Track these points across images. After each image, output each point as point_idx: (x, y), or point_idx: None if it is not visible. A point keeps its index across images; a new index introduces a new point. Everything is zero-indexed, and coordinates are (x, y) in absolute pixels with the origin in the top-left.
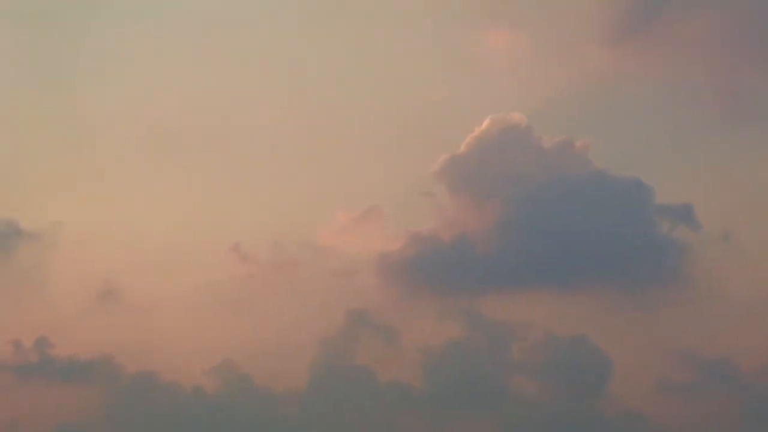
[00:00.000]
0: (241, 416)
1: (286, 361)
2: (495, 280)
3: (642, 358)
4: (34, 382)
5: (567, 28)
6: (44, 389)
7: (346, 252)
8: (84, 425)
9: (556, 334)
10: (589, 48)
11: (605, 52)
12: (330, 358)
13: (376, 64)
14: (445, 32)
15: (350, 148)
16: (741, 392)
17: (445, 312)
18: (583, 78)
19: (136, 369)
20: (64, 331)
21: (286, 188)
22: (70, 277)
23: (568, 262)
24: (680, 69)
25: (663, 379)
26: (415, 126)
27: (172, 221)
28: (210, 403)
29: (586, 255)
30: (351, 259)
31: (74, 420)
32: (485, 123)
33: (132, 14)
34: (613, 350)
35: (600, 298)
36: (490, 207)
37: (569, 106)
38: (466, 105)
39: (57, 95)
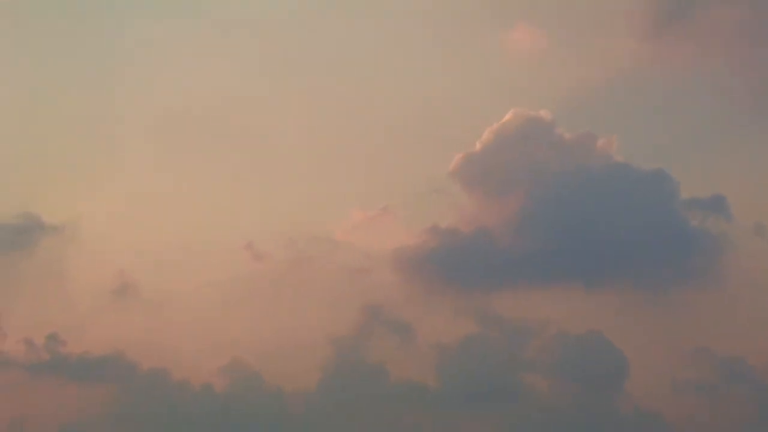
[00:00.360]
0: (252, 414)
1: (299, 360)
2: (512, 276)
3: (659, 356)
4: (46, 379)
5: (591, 24)
6: (55, 386)
7: (361, 249)
8: (94, 423)
9: (571, 332)
10: (616, 43)
11: (632, 48)
12: (342, 356)
13: (398, 62)
14: (468, 30)
15: (368, 145)
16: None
17: (460, 309)
18: (608, 73)
19: (148, 366)
20: (78, 327)
21: (303, 186)
22: (87, 271)
23: (588, 258)
24: (708, 63)
25: (682, 378)
26: (435, 123)
27: (188, 217)
28: (221, 402)
29: (608, 250)
30: (366, 257)
31: (84, 417)
32: (506, 117)
33: (157, 8)
34: (630, 348)
35: (620, 294)
36: (509, 202)
37: (594, 102)
38: (489, 102)
39: (79, 91)
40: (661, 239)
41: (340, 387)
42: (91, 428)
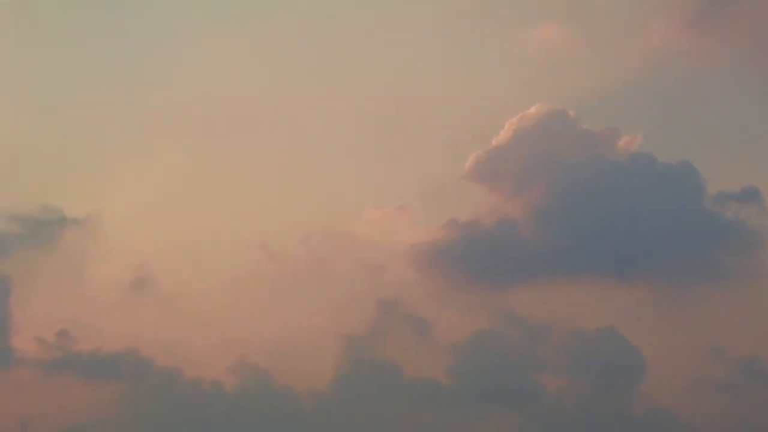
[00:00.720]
0: (263, 413)
1: (313, 358)
2: (530, 272)
3: (679, 354)
4: (56, 376)
5: (615, 21)
6: (67, 384)
7: (378, 246)
8: (105, 422)
9: (589, 330)
10: (642, 40)
11: (658, 43)
12: (357, 354)
13: (421, 60)
14: (492, 29)
15: (388, 141)
16: None
17: (476, 305)
18: (633, 70)
19: (160, 364)
20: (93, 323)
21: (321, 182)
22: (105, 265)
23: (611, 253)
24: (734, 58)
25: (701, 376)
26: (457, 120)
27: (207, 213)
28: (231, 400)
29: (631, 245)
30: (383, 253)
31: (95, 415)
32: (528, 111)
33: (181, 2)
34: (647, 346)
35: (644, 290)
36: (529, 197)
37: (618, 98)
38: (512, 99)
39: (102, 85)
40: (688, 233)
41: (354, 385)
42: (102, 427)
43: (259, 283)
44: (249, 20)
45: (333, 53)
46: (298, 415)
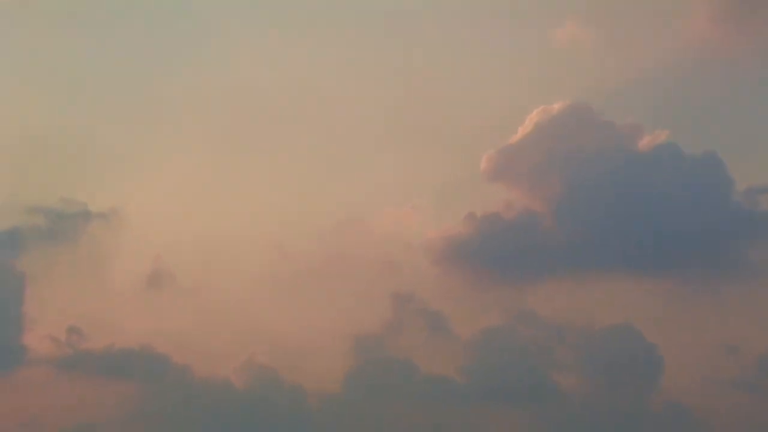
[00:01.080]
0: (273, 410)
1: (327, 355)
2: (548, 268)
3: (695, 351)
4: (69, 373)
5: (639, 20)
6: (80, 380)
7: (396, 242)
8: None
9: (606, 328)
10: (666, 36)
11: (687, 38)
12: (371, 352)
13: (450, 58)
14: (518, 28)
15: (408, 138)
16: None
17: (491, 303)
18: (658, 66)
19: (174, 362)
20: (110, 318)
21: (341, 178)
22: (125, 259)
23: (629, 249)
24: (763, 50)
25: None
26: (479, 117)
27: (225, 209)
28: (243, 398)
29: (654, 241)
30: (400, 250)
31: (109, 411)
32: (553, 105)
33: None
34: (665, 343)
35: (663, 286)
36: (549, 192)
37: (643, 95)
38: (537, 96)
39: (130, 80)
40: (717, 229)
41: (368, 380)
42: (111, 425)
43: (275, 280)
44: (274, 21)
45: (355, 51)
46: (309, 414)
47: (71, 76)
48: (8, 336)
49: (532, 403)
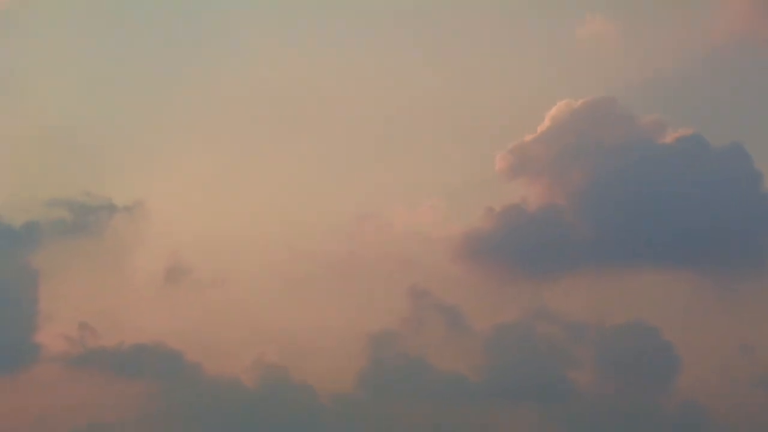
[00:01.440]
0: (283, 407)
1: (340, 352)
2: (565, 264)
3: (713, 350)
4: (81, 370)
5: (663, 13)
6: (94, 377)
7: (410, 240)
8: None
9: (622, 326)
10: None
11: (712, 30)
12: (387, 349)
13: (471, 54)
14: (541, 23)
15: (427, 133)
16: None
17: (507, 300)
18: (681, 61)
19: (186, 359)
20: (127, 314)
21: (360, 174)
22: (144, 253)
23: (654, 245)
24: None
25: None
26: (500, 112)
27: (245, 204)
28: (253, 397)
29: (677, 237)
30: (414, 247)
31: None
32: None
33: None
34: (684, 341)
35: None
36: (570, 187)
37: (667, 90)
38: (559, 91)
39: (152, 75)
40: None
41: (380, 379)
42: (120, 424)
43: (291, 277)
44: (293, 18)
45: (374, 48)
46: (319, 414)
47: (97, 71)
48: (22, 333)
49: (549, 402)
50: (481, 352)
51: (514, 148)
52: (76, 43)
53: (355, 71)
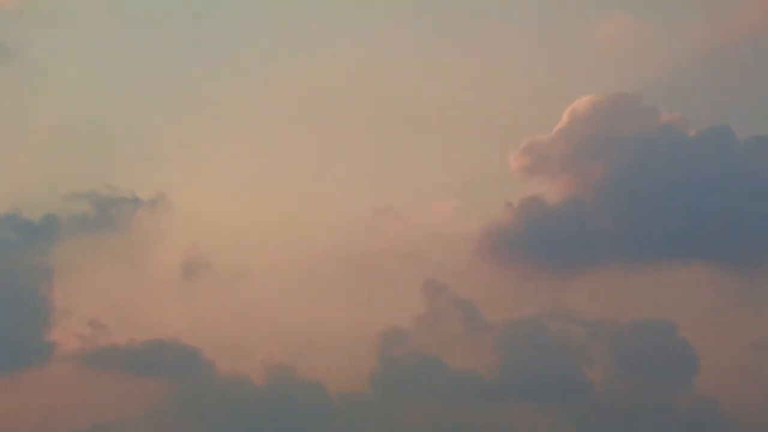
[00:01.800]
0: (292, 404)
1: (354, 350)
2: (582, 261)
3: (731, 348)
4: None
5: (687, 12)
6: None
7: (426, 236)
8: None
9: (641, 323)
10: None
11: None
12: (401, 346)
13: (493, 53)
14: (564, 22)
15: (450, 131)
16: None
17: (523, 298)
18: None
19: (200, 357)
20: (146, 310)
21: (379, 171)
22: (163, 249)
23: (665, 242)
24: None
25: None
26: (521, 109)
27: (263, 200)
28: (264, 395)
29: (697, 230)
30: (430, 244)
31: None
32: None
33: None
34: (702, 339)
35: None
36: (591, 182)
37: (690, 88)
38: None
39: (178, 69)
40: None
41: (393, 377)
42: (130, 423)
43: (308, 272)
44: (320, 13)
45: (398, 48)
46: (331, 413)
47: (120, 63)
48: (33, 330)
49: (565, 401)
50: (496, 350)
51: (530, 145)
52: (101, 34)
53: (376, 69)
